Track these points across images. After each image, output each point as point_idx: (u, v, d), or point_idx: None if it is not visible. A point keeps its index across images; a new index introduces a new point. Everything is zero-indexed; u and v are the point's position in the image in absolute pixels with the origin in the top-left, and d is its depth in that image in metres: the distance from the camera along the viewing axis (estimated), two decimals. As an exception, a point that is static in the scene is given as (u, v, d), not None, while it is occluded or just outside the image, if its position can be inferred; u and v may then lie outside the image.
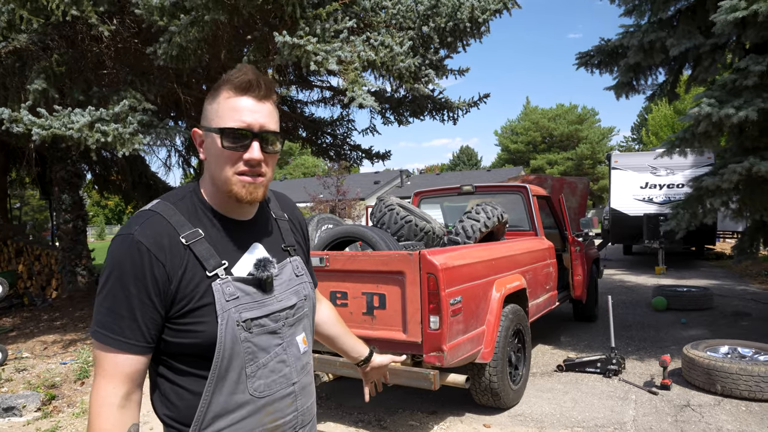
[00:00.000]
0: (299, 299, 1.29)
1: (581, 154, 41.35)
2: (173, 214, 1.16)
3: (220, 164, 1.17)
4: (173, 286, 1.10)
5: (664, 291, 7.94)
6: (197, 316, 1.11)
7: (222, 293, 1.12)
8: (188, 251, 1.13)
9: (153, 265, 1.08)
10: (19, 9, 5.71)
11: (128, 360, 1.08)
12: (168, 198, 1.21)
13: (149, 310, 1.09)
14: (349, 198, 25.31)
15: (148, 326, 1.09)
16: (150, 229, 1.11)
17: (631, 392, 4.44)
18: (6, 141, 9.68)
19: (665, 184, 12.87)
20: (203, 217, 1.19)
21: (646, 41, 5.35)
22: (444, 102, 9.03)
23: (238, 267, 1.19)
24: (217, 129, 1.15)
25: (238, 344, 1.13)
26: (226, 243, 1.20)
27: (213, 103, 1.18)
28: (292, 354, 1.24)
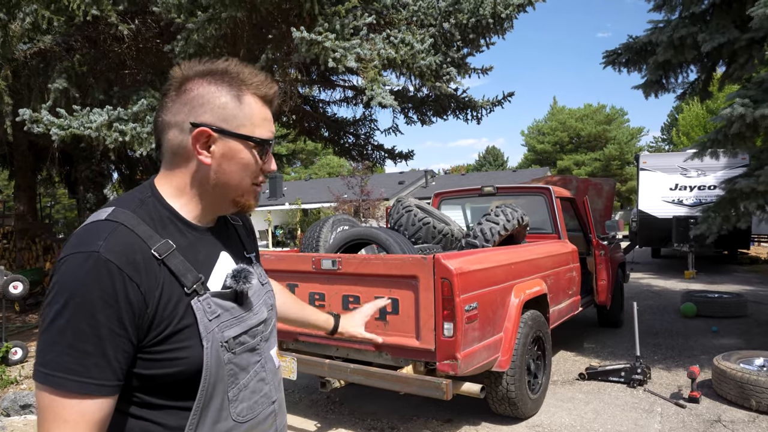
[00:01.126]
0: (269, 310, 1.19)
1: (609, 155, 40.60)
2: (137, 224, 0.98)
3: (243, 174, 1.07)
4: (150, 310, 0.94)
5: (694, 296, 7.65)
6: (177, 341, 0.97)
7: (204, 312, 1.00)
8: (163, 267, 0.97)
9: (127, 287, 0.91)
10: (42, 9, 5.76)
11: (96, 405, 0.90)
12: (124, 205, 1.02)
13: (122, 341, 0.91)
14: (373, 198, 25.24)
15: (119, 361, 0.92)
16: (118, 244, 0.93)
17: (657, 404, 4.24)
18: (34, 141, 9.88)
19: (696, 185, 12.48)
20: (170, 226, 1.04)
21: (676, 37, 5.12)
22: (467, 101, 8.87)
23: (212, 280, 1.06)
24: (258, 139, 1.07)
25: (222, 367, 1.01)
26: (197, 254, 1.06)
27: (240, 106, 1.05)
28: (270, 370, 1.15)
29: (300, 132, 10.42)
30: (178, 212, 1.06)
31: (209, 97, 1.03)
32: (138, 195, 1.06)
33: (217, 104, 1.03)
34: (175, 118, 1.04)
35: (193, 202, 1.08)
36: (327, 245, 4.44)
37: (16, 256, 11.95)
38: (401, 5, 6.83)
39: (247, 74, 1.07)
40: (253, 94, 1.06)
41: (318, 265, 3.74)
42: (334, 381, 3.64)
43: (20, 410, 4.87)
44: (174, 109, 1.04)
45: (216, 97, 1.03)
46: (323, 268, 3.71)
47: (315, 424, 4.07)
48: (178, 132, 1.04)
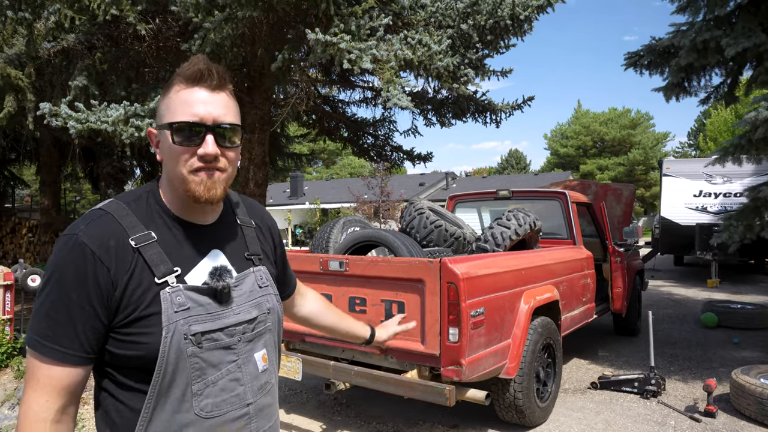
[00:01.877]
0: (261, 313, 1.17)
1: (633, 160, 39.89)
2: (125, 215, 1.07)
3: (174, 162, 1.08)
4: (118, 293, 1.01)
5: (716, 307, 7.45)
6: (142, 327, 1.02)
7: (170, 303, 1.03)
8: (137, 255, 1.04)
9: (97, 269, 1.00)
10: (65, 9, 5.85)
11: (64, 372, 1.00)
12: (122, 197, 1.12)
13: (90, 318, 1.00)
14: (393, 199, 25.20)
15: (87, 336, 1.00)
16: (96, 230, 1.03)
17: (670, 417, 4.12)
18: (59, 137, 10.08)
19: (721, 192, 12.17)
20: (158, 220, 1.11)
21: (699, 41, 4.98)
22: (487, 104, 8.78)
23: (192, 275, 1.10)
24: (167, 124, 1.08)
25: (183, 359, 1.03)
26: (181, 249, 1.11)
27: (164, 99, 1.11)
28: (248, 372, 1.13)
29: (320, 132, 10.44)
30: (168, 208, 1.13)
31: (159, 103, 1.14)
32: (139, 191, 1.16)
33: (158, 107, 1.14)
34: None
35: (173, 197, 1.14)
36: (336, 246, 4.42)
37: (41, 249, 12.22)
38: (419, 6, 6.79)
39: (182, 66, 1.10)
40: (178, 83, 1.09)
41: (325, 266, 3.72)
42: (339, 383, 3.62)
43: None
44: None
45: (159, 102, 1.14)
46: (330, 269, 3.70)
47: (320, 426, 4.05)
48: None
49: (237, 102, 1.17)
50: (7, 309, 5.69)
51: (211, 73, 1.08)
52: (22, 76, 6.19)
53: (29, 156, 12.83)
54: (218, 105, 1.09)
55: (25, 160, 13.46)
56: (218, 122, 1.08)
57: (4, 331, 5.66)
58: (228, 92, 1.13)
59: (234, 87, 1.18)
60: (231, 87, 1.14)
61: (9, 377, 5.39)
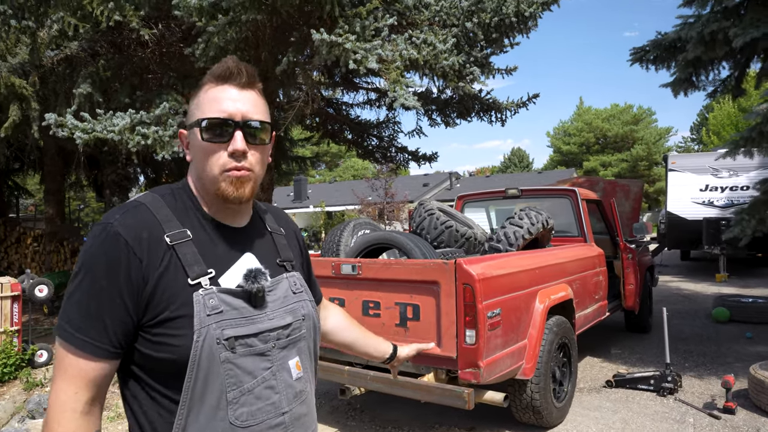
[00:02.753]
0: (296, 319, 1.14)
1: (636, 156, 39.79)
2: (161, 207, 1.05)
3: (204, 160, 1.07)
4: (149, 288, 0.98)
5: (726, 301, 7.39)
6: (173, 328, 0.98)
7: (203, 305, 0.99)
8: (171, 252, 1.01)
9: (130, 260, 0.97)
10: (68, 16, 5.84)
11: (91, 364, 0.97)
12: (157, 191, 1.10)
13: (119, 311, 0.97)
14: (398, 200, 25.17)
15: (116, 330, 0.97)
16: (131, 220, 1.01)
17: (689, 414, 4.07)
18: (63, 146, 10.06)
19: (728, 186, 12.10)
20: (192, 218, 1.08)
21: (707, 33, 4.93)
22: (491, 102, 8.75)
23: (226, 277, 1.06)
24: (197, 121, 1.07)
25: (216, 365, 0.99)
26: (215, 250, 1.08)
27: (194, 99, 1.11)
28: (282, 380, 1.09)
29: (323, 134, 10.42)
30: (201, 206, 1.11)
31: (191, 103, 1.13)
32: (174, 186, 1.14)
33: (189, 108, 1.13)
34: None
35: (202, 196, 1.12)
36: (347, 249, 4.38)
37: (46, 258, 12.20)
38: (423, 5, 6.75)
39: (214, 68, 1.09)
40: (208, 82, 1.09)
41: (338, 270, 3.69)
42: (354, 388, 3.58)
43: (44, 413, 4.92)
44: None
45: (190, 103, 1.13)
46: (343, 273, 3.66)
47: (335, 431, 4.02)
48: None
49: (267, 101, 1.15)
50: (15, 320, 5.66)
51: (240, 71, 1.07)
52: (26, 85, 6.18)
53: (33, 165, 12.82)
54: (247, 102, 1.08)
55: (28, 169, 13.46)
56: (247, 119, 1.07)
57: (12, 343, 5.63)
58: (257, 90, 1.11)
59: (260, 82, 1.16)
60: (260, 86, 1.13)
61: (18, 389, 5.36)
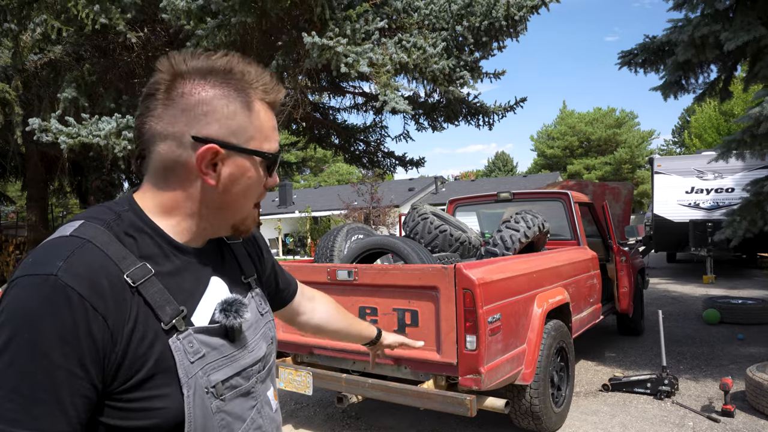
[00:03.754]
0: (267, 345, 1.01)
1: (620, 159, 40.23)
2: (110, 242, 0.80)
3: (249, 194, 0.92)
4: (118, 349, 0.77)
5: (717, 303, 7.44)
6: (153, 388, 0.79)
7: (184, 352, 0.82)
8: (137, 296, 0.80)
9: (90, 320, 0.74)
10: (51, 19, 5.72)
11: None
12: (96, 218, 0.83)
13: (81, 383, 0.74)
14: (384, 205, 25.13)
15: (77, 409, 0.74)
16: (81, 267, 0.75)
17: (688, 418, 4.06)
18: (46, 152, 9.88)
19: (713, 188, 12.24)
20: (151, 246, 0.85)
21: (697, 36, 4.96)
22: (479, 106, 8.77)
23: (198, 313, 0.88)
24: (270, 155, 0.92)
25: (210, 418, 0.83)
26: (181, 281, 0.87)
27: (249, 114, 0.88)
28: (266, 415, 0.98)
29: (310, 139, 10.35)
30: (163, 231, 0.88)
31: (215, 105, 0.85)
32: (114, 208, 0.87)
33: (224, 113, 0.86)
34: (170, 129, 0.85)
35: (185, 224, 0.90)
36: (342, 255, 4.31)
37: (28, 267, 11.96)
38: (412, 9, 6.73)
39: (254, 75, 0.89)
40: (261, 100, 0.90)
41: (333, 276, 3.62)
42: (351, 396, 3.51)
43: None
44: (167, 117, 0.85)
45: (223, 104, 0.86)
46: (339, 278, 3.59)
47: (331, 440, 3.94)
48: (175, 146, 0.85)
49: None
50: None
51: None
52: (9, 89, 6.04)
53: (15, 171, 12.59)
54: None
55: (10, 175, 13.21)
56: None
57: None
58: None
59: None
60: None
61: None
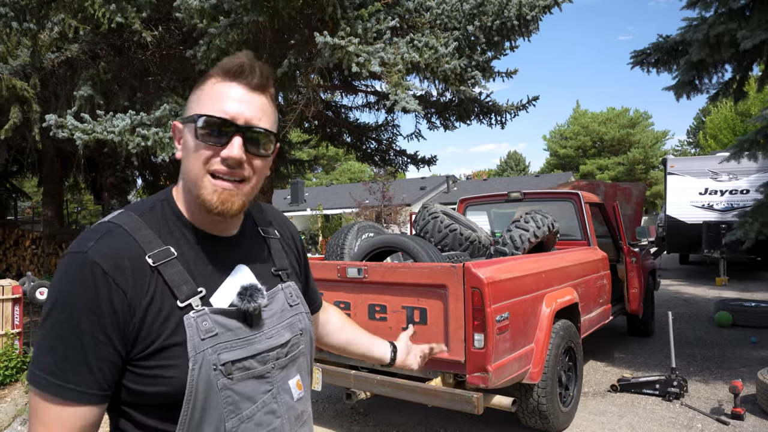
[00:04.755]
0: (294, 335, 1.06)
1: (633, 159, 39.88)
2: (139, 227, 0.94)
3: (192, 160, 0.96)
4: (136, 320, 0.88)
5: (729, 305, 7.37)
6: (165, 358, 0.89)
7: (196, 329, 0.90)
8: (156, 275, 0.91)
9: (111, 293, 0.86)
10: (69, 18, 5.80)
11: (76, 412, 0.85)
12: (134, 208, 0.99)
13: (105, 349, 0.86)
14: (395, 204, 25.15)
15: (102, 370, 0.86)
16: (108, 247, 0.89)
17: (696, 420, 4.04)
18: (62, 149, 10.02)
19: (727, 189, 12.11)
20: (176, 233, 0.97)
21: (712, 35, 4.92)
22: (491, 105, 8.75)
23: (218, 296, 0.97)
24: (193, 116, 0.95)
25: (214, 393, 0.90)
26: (204, 265, 0.97)
27: (197, 91, 0.99)
28: (283, 402, 1.02)
29: (322, 138, 10.39)
30: (186, 218, 1.00)
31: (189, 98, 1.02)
32: (153, 199, 1.02)
33: (188, 100, 1.01)
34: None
35: (187, 203, 1.01)
36: (352, 253, 4.35)
37: (44, 261, 12.14)
38: (424, 9, 6.74)
39: (223, 60, 0.99)
40: (215, 74, 0.98)
41: (343, 274, 3.66)
42: (360, 392, 3.54)
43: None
44: None
45: (191, 95, 1.01)
46: (349, 276, 3.63)
47: (340, 436, 3.98)
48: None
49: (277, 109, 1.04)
50: (16, 322, 5.61)
51: (254, 69, 0.96)
52: (27, 87, 6.13)
53: (31, 168, 12.77)
54: (254, 106, 0.97)
55: (27, 172, 13.40)
56: (250, 124, 0.95)
57: (13, 345, 5.58)
58: (269, 96, 1.00)
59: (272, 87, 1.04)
60: (273, 91, 1.02)
61: (20, 392, 5.31)
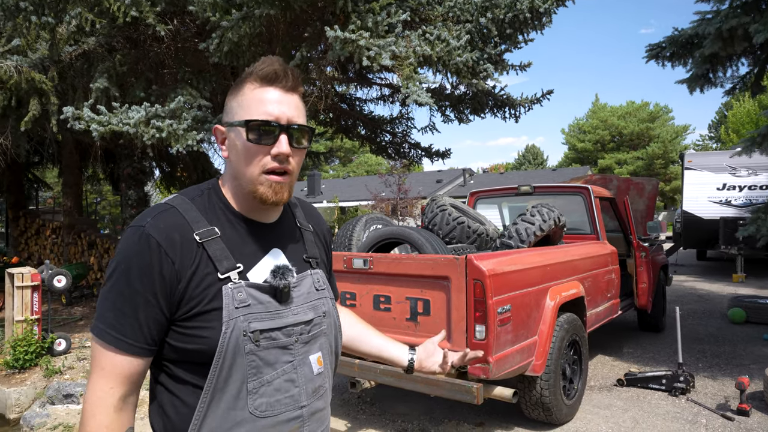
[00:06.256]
0: (317, 315, 1.18)
1: (652, 154, 39.33)
2: (189, 209, 1.09)
3: (245, 161, 1.10)
4: (182, 286, 1.03)
5: (743, 302, 7.29)
6: (203, 321, 1.03)
7: (232, 298, 1.04)
8: (201, 249, 1.06)
9: (162, 261, 1.02)
10: (85, 12, 5.91)
11: (127, 361, 1.02)
12: (186, 193, 1.15)
13: (153, 310, 1.02)
14: (411, 197, 25.17)
15: (150, 327, 1.02)
16: (163, 223, 1.05)
17: (701, 415, 4.04)
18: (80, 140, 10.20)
19: (746, 185, 11.91)
20: (221, 216, 1.13)
21: (725, 28, 4.85)
22: (505, 99, 8.71)
23: (254, 272, 1.11)
24: (243, 122, 1.09)
25: (241, 356, 1.03)
26: (243, 245, 1.12)
27: (237, 96, 1.12)
28: (303, 374, 1.13)
29: (337, 130, 10.44)
30: (231, 204, 1.15)
31: (227, 100, 1.15)
32: (202, 186, 1.18)
33: (227, 103, 1.15)
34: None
35: (235, 195, 1.15)
36: (359, 244, 4.40)
37: (64, 250, 12.39)
38: (437, 1, 6.74)
39: (256, 66, 1.11)
40: (252, 81, 1.10)
41: (349, 264, 3.71)
42: (364, 381, 3.61)
43: (63, 399, 5.02)
44: None
45: (229, 97, 1.15)
46: (354, 267, 3.68)
47: (345, 424, 4.05)
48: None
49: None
50: (35, 309, 5.77)
51: (287, 74, 1.10)
52: (46, 80, 6.26)
53: (52, 159, 13.00)
54: (291, 106, 1.11)
55: (47, 162, 13.66)
56: (292, 122, 1.10)
57: (32, 331, 5.74)
58: (299, 95, 1.15)
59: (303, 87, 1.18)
60: (302, 90, 1.16)
61: (39, 376, 5.47)
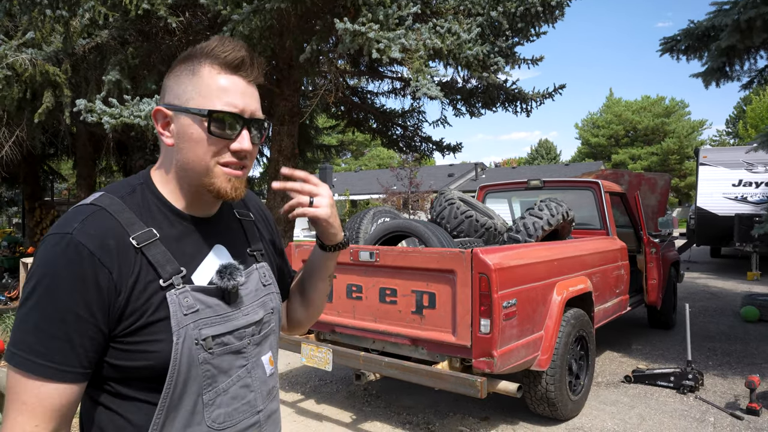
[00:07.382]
0: (266, 313, 1.10)
1: (667, 149, 38.89)
2: (121, 209, 0.96)
3: (200, 152, 0.97)
4: (122, 298, 0.90)
5: (757, 300, 7.21)
6: (149, 334, 0.92)
7: (179, 305, 0.94)
8: (140, 255, 0.94)
9: (97, 271, 0.88)
10: (98, 5, 5.96)
11: (56, 391, 0.87)
12: (114, 191, 1.00)
13: (89, 328, 0.88)
14: (422, 190, 25.10)
15: (85, 348, 0.88)
16: (93, 228, 0.91)
17: (710, 413, 4.01)
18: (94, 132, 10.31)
19: (763, 181, 11.72)
20: (157, 215, 1.00)
21: (743, 20, 4.76)
22: (517, 93, 8.65)
23: (198, 274, 1.00)
24: (205, 111, 0.96)
25: (195, 367, 0.94)
26: (184, 245, 1.01)
27: (193, 79, 0.98)
28: (257, 377, 1.06)
29: (348, 123, 10.46)
30: (167, 201, 1.03)
31: (171, 79, 1.01)
32: (132, 181, 1.04)
33: (174, 83, 1.00)
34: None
35: (176, 189, 1.03)
36: (366, 237, 4.41)
37: (78, 241, 12.56)
38: (448, -6, 6.71)
39: (212, 46, 0.99)
40: (210, 64, 0.98)
41: (356, 257, 3.72)
42: (369, 374, 3.62)
43: None
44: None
45: (176, 76, 1.00)
46: (361, 259, 3.69)
47: (350, 416, 4.07)
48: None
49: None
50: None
51: (252, 62, 1.01)
52: (59, 73, 6.33)
53: (66, 151, 13.17)
54: (254, 98, 1.02)
55: (62, 154, 13.83)
56: (254, 116, 1.01)
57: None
58: (255, 86, 1.05)
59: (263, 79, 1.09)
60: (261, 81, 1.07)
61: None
